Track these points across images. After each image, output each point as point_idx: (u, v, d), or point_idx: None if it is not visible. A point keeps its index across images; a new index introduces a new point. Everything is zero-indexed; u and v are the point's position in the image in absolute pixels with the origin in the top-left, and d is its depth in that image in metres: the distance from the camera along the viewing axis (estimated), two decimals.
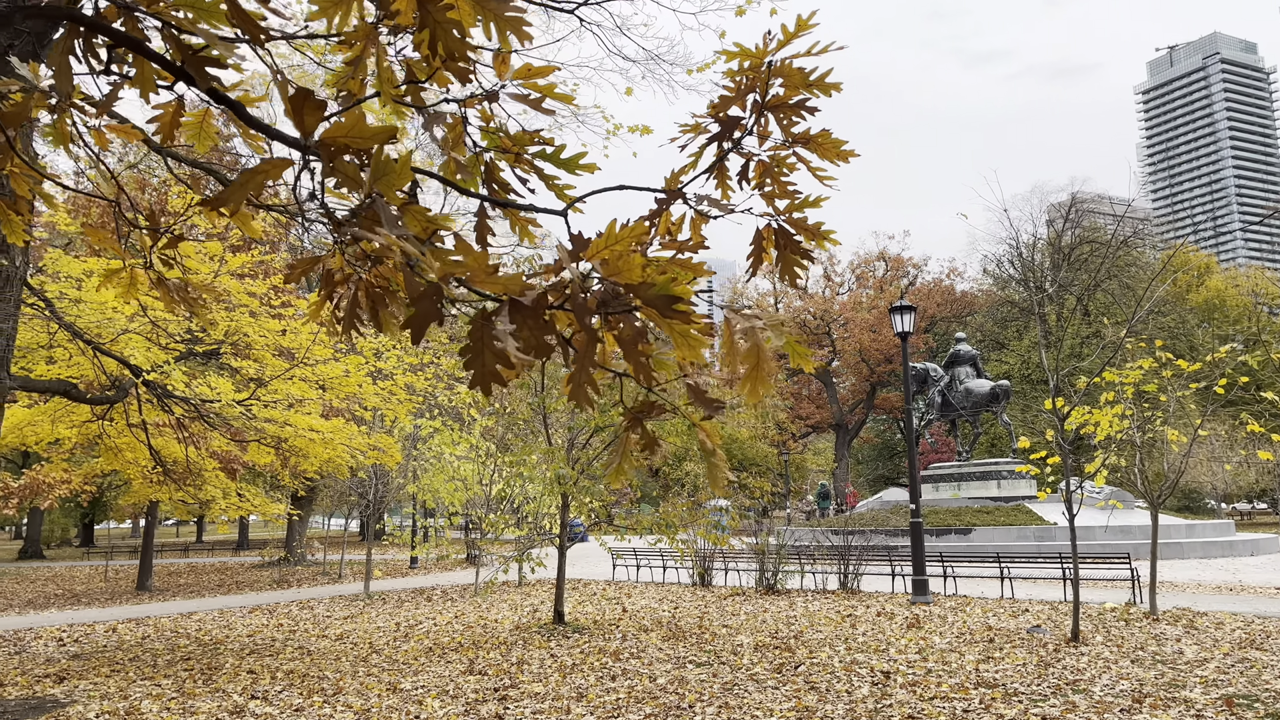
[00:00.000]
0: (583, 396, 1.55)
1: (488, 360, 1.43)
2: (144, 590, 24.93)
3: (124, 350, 11.36)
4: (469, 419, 22.52)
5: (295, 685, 9.98)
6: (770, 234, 2.33)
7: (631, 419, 1.77)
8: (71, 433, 14.78)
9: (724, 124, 2.19)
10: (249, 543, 54.31)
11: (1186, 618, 12.99)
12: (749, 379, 1.64)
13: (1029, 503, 27.52)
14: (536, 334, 1.47)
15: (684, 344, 1.56)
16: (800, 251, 2.31)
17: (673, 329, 1.53)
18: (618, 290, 1.48)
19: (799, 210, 2.29)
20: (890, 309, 17.39)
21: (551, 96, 2.11)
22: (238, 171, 20.47)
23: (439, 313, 1.41)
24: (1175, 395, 13.76)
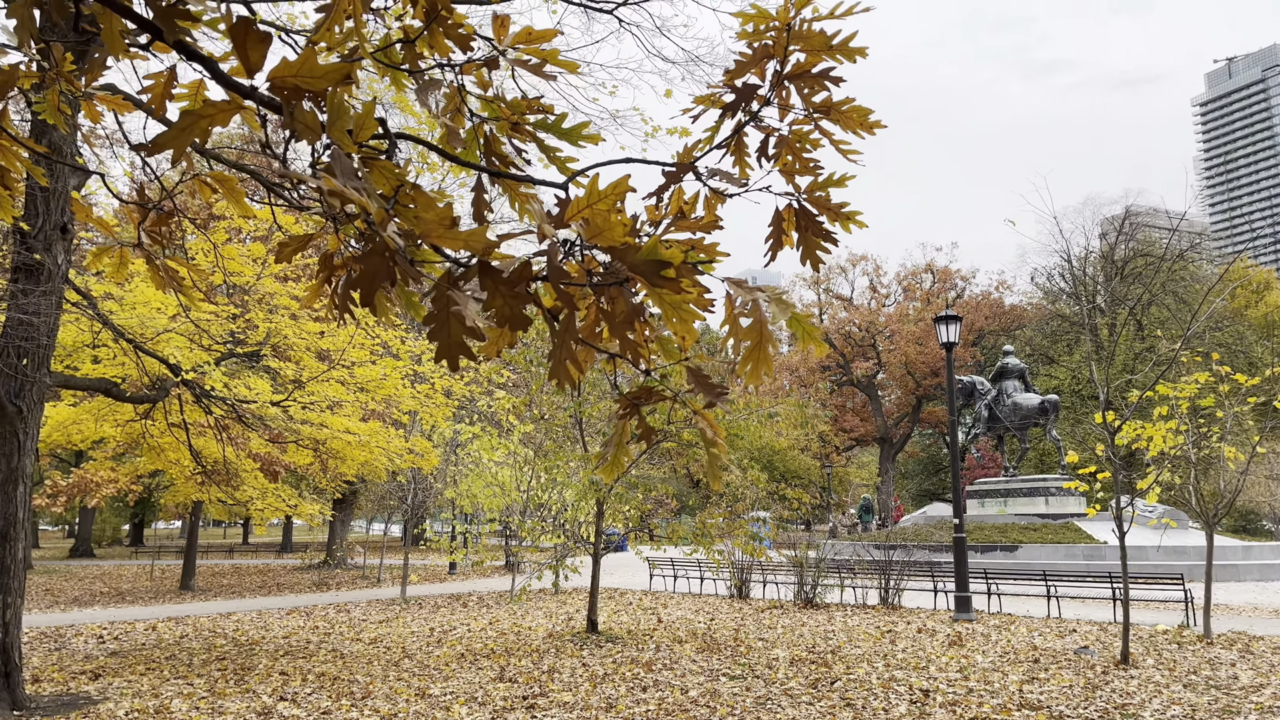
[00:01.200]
0: (563, 374, 1.39)
1: (453, 331, 1.29)
2: (187, 590, 25.21)
3: (164, 350, 11.45)
4: (508, 425, 22.50)
5: (325, 688, 9.93)
6: (790, 215, 2.17)
7: (627, 405, 1.61)
8: (115, 431, 14.96)
9: (740, 93, 2.03)
10: (292, 545, 54.89)
11: (1242, 641, 12.48)
12: (750, 358, 1.48)
13: (1078, 520, 26.84)
14: (512, 304, 1.32)
15: (676, 316, 1.40)
16: (822, 233, 2.14)
17: (662, 299, 1.37)
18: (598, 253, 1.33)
19: (822, 189, 2.12)
20: (935, 319, 17.04)
21: (554, 63, 1.97)
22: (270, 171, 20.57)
23: (389, 272, 1.27)
24: (1232, 411, 13.26)
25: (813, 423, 49.46)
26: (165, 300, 12.53)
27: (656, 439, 14.29)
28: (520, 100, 1.94)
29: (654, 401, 1.63)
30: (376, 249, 1.28)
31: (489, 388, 21.33)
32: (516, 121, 1.94)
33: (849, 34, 1.93)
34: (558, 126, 1.93)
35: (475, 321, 1.22)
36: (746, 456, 14.88)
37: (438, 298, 1.30)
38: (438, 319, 1.29)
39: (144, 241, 2.55)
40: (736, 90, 2.06)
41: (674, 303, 1.38)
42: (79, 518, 53.06)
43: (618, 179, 1.37)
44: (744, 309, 1.45)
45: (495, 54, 1.89)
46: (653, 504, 19.45)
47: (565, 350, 1.39)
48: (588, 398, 14.07)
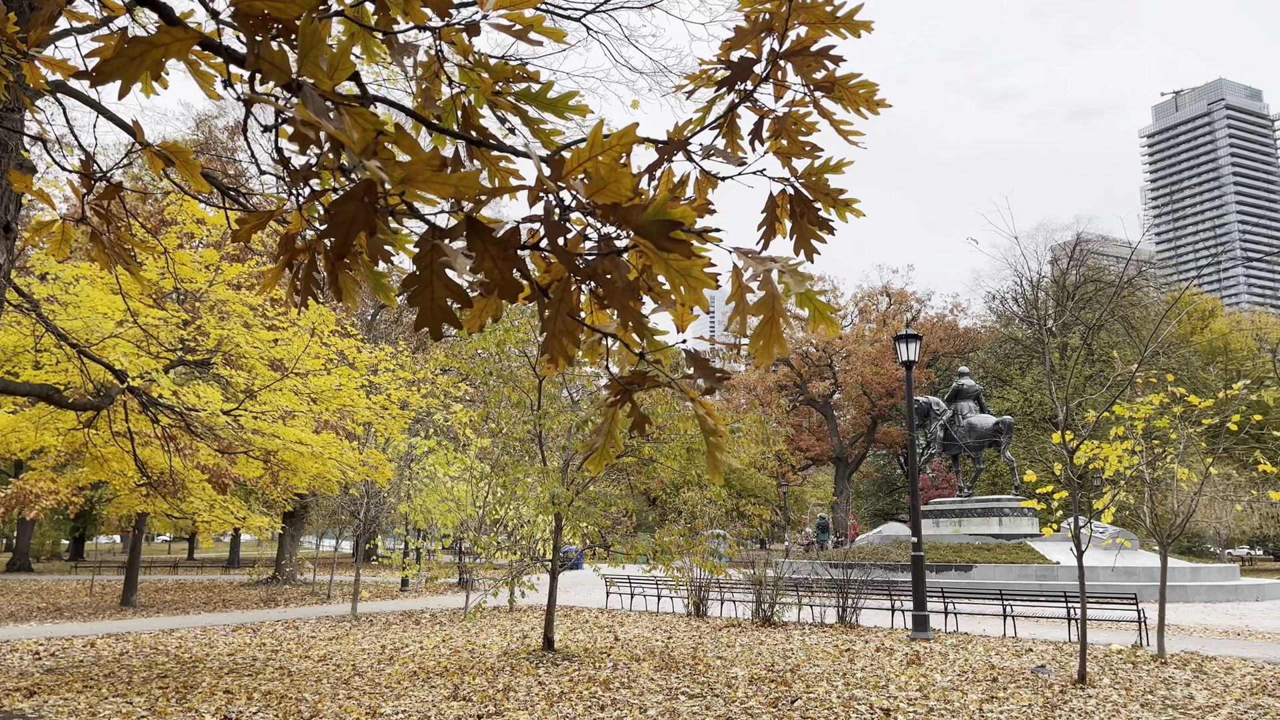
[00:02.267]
0: (558, 349, 1.26)
1: (437, 293, 1.14)
2: (128, 606, 24.47)
3: (110, 356, 11.07)
4: (464, 439, 22.18)
5: (272, 707, 9.60)
6: (785, 201, 2.05)
7: (620, 391, 1.48)
8: (56, 440, 14.46)
9: (735, 69, 1.91)
10: (240, 561, 53.72)
11: (1195, 662, 12.58)
12: (761, 334, 1.35)
13: (1031, 540, 27.10)
14: (502, 266, 1.18)
15: (684, 285, 1.27)
16: (818, 221, 2.02)
17: (669, 266, 1.24)
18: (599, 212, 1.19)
19: (819, 174, 2.00)
20: (895, 338, 17.11)
21: (538, 30, 1.83)
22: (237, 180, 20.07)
23: (368, 218, 1.13)
24: (1185, 432, 13.43)
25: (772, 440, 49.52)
26: (112, 304, 12.16)
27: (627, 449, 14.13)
28: (503, 64, 1.80)
29: (649, 386, 1.50)
30: (354, 193, 1.13)
31: (446, 401, 21.03)
32: (498, 90, 1.80)
33: (854, 5, 1.82)
34: (542, 96, 1.80)
35: (466, 273, 1.08)
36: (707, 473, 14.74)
37: (420, 255, 1.15)
38: (419, 280, 1.15)
39: (89, 216, 2.37)
40: (731, 65, 1.94)
41: (683, 269, 1.25)
42: (16, 531, 51.44)
43: (625, 128, 1.23)
44: (755, 282, 1.33)
45: (476, 18, 1.76)
46: (611, 520, 19.26)
47: (560, 322, 1.26)
48: (547, 411, 13.87)
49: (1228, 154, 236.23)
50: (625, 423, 1.54)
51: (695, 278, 1.27)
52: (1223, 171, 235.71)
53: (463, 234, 1.16)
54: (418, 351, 33.35)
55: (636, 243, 1.24)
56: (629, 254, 1.42)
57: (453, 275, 1.13)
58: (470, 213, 1.16)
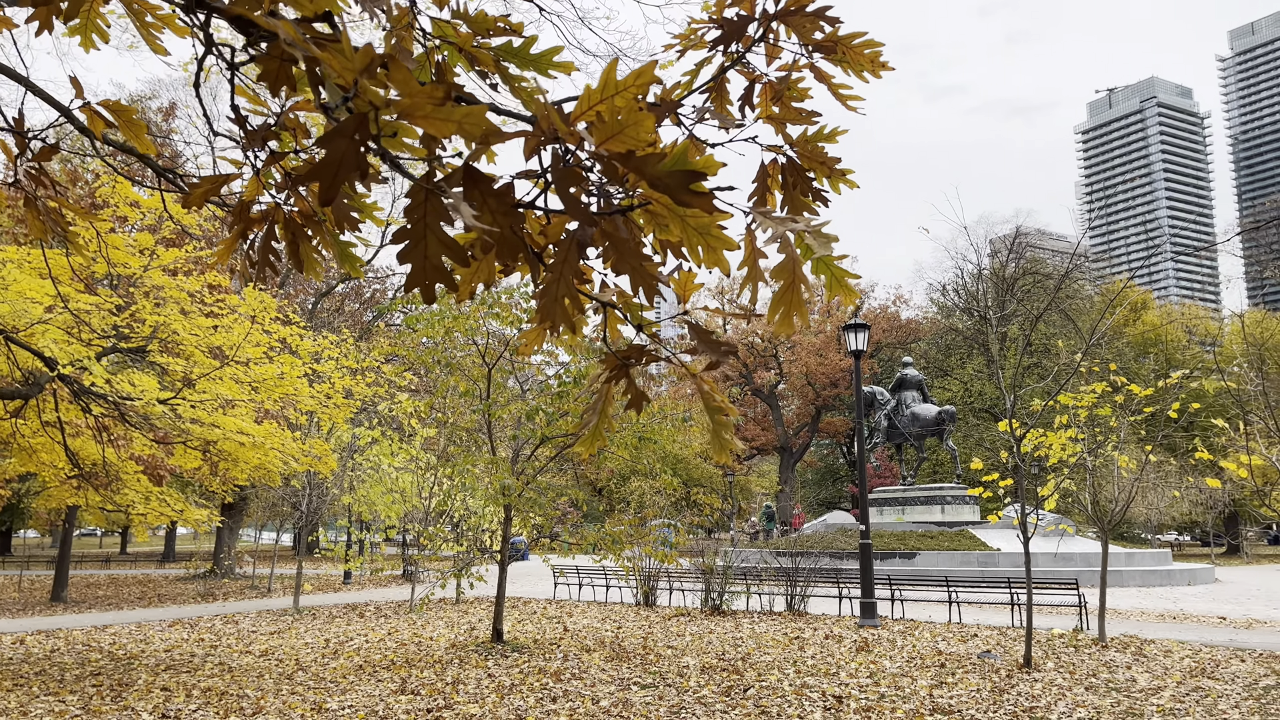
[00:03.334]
0: (560, 315, 1.14)
1: (431, 249, 1.01)
2: (59, 601, 23.69)
3: (38, 342, 10.63)
4: (409, 429, 21.85)
5: (212, 704, 9.31)
6: (776, 170, 1.94)
7: (615, 366, 1.36)
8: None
9: (728, 29, 1.80)
10: (175, 555, 52.46)
11: (1135, 645, 12.86)
12: (782, 301, 1.24)
13: (972, 528, 27.56)
14: (502, 222, 1.05)
15: (703, 245, 1.15)
16: (812, 191, 1.92)
17: (687, 225, 1.12)
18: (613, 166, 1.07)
19: (814, 142, 1.90)
20: (843, 327, 17.20)
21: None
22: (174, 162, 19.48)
23: (360, 159, 0.99)
24: (1126, 420, 13.71)
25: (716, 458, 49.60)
26: (40, 289, 11.67)
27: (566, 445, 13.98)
28: (484, 15, 1.66)
29: (648, 361, 1.38)
30: (344, 128, 0.99)
31: (391, 390, 20.67)
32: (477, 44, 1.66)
33: None
34: (525, 52, 1.66)
35: (470, 222, 0.95)
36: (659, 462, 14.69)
37: (413, 207, 1.02)
38: (412, 234, 1.02)
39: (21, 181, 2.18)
40: (723, 24, 1.83)
41: (702, 227, 1.13)
42: None
43: (642, 66, 1.11)
44: (774, 243, 1.22)
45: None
46: (560, 511, 19.12)
47: (565, 284, 1.13)
48: (496, 400, 13.68)
49: (1159, 150, 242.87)
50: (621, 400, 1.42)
51: (715, 236, 1.16)
52: (1154, 167, 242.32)
53: (459, 184, 1.03)
54: (361, 340, 32.80)
55: (650, 199, 1.12)
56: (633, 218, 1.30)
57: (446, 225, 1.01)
58: (469, 160, 1.04)
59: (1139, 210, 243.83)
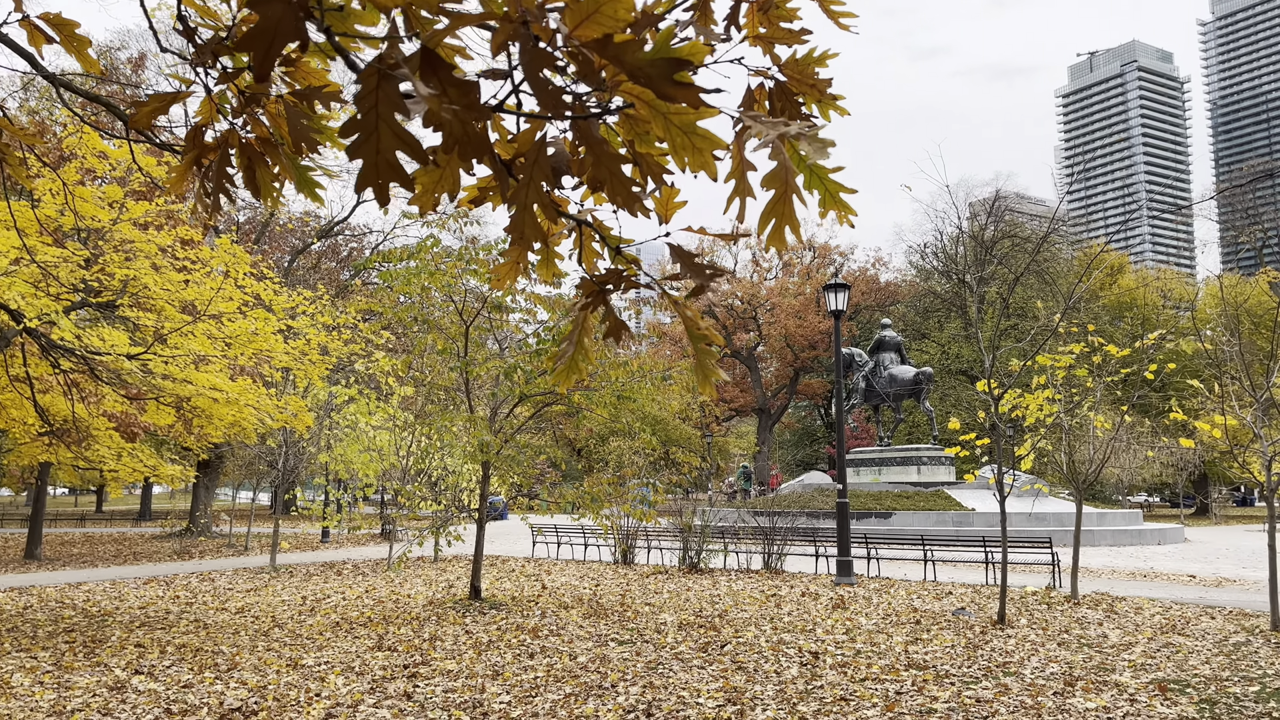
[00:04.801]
0: (529, 226, 1.04)
1: (384, 142, 0.91)
2: (32, 559, 23.51)
3: (4, 296, 10.39)
4: (387, 388, 21.68)
5: (186, 660, 9.25)
6: (763, 96, 1.84)
7: (593, 292, 1.27)
8: None
9: None
10: (151, 513, 52.21)
11: (1106, 602, 13.02)
12: (773, 213, 1.15)
13: (948, 488, 27.81)
14: (464, 116, 0.95)
15: (686, 145, 1.05)
16: (801, 117, 1.82)
17: (670, 123, 1.02)
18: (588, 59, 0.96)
19: (805, 65, 1.80)
20: (824, 287, 17.14)
21: None
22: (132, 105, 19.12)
23: (297, 26, 0.88)
24: (1103, 381, 13.77)
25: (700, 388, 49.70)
26: (5, 241, 11.39)
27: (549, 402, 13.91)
28: None
29: (628, 287, 1.29)
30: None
31: (368, 349, 20.47)
32: None
33: None
34: None
35: (423, 93, 0.84)
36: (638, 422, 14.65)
37: (364, 94, 0.92)
38: (363, 125, 0.92)
39: None
40: None
41: (686, 125, 1.03)
42: None
43: None
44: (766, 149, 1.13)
45: None
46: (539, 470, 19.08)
47: (534, 190, 1.03)
48: (474, 358, 13.55)
49: (1138, 115, 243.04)
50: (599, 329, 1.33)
51: (701, 135, 1.06)
52: (1133, 132, 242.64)
53: (416, 69, 0.92)
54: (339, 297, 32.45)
55: (630, 99, 1.02)
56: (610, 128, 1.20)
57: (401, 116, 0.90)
58: (427, 41, 0.93)
59: (1118, 174, 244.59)
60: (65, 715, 6.94)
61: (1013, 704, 7.19)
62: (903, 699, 7.37)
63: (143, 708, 7.20)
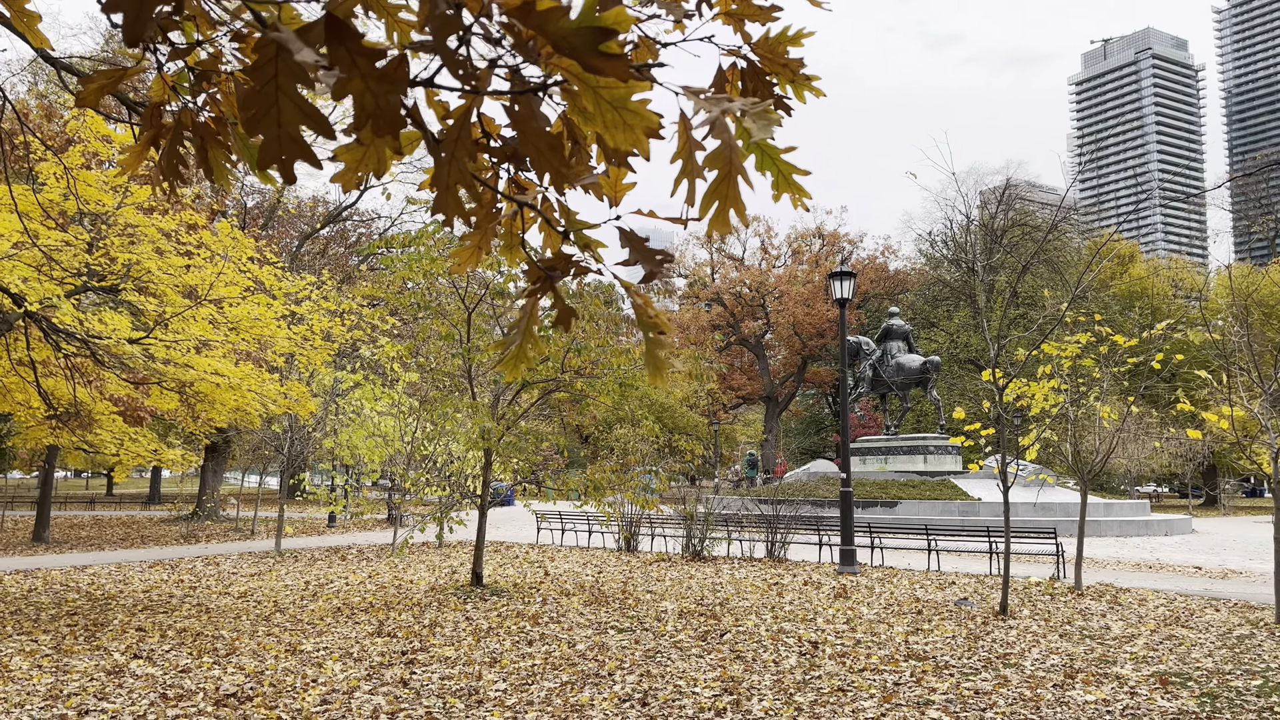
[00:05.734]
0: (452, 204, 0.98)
1: (285, 115, 0.85)
2: (40, 542, 23.63)
3: (4, 279, 10.37)
4: (392, 374, 21.67)
5: (186, 644, 9.26)
6: (736, 75, 1.78)
7: (539, 278, 1.21)
8: None
9: None
10: (160, 497, 52.47)
11: (1110, 594, 12.96)
12: (716, 194, 1.09)
13: (954, 478, 27.71)
14: (376, 89, 0.89)
15: (617, 122, 0.99)
16: (774, 98, 1.76)
17: (599, 98, 0.96)
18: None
19: (777, 43, 1.73)
20: (830, 275, 17.04)
21: None
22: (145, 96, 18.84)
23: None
24: (1109, 372, 13.66)
25: (705, 376, 49.69)
26: (8, 224, 11.38)
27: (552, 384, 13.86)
28: None
29: (578, 273, 1.24)
30: None
31: (373, 335, 20.46)
32: None
33: None
34: None
35: (310, 59, 0.77)
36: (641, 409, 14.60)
37: (260, 65, 0.85)
38: (259, 99, 0.85)
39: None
40: None
41: (617, 100, 0.97)
42: None
43: None
44: (709, 128, 1.07)
45: None
46: (542, 456, 19.06)
47: (457, 168, 0.97)
48: (476, 344, 13.51)
49: (1152, 103, 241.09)
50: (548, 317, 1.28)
51: (633, 111, 0.99)
52: (1146, 120, 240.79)
53: (320, 40, 0.86)
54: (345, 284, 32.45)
55: (564, 75, 0.96)
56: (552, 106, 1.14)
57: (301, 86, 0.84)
58: (332, 7, 0.86)
59: (1130, 163, 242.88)
60: (61, 699, 6.95)
61: (1011, 696, 7.14)
62: (900, 690, 7.32)
63: (139, 692, 7.21)
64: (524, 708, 6.77)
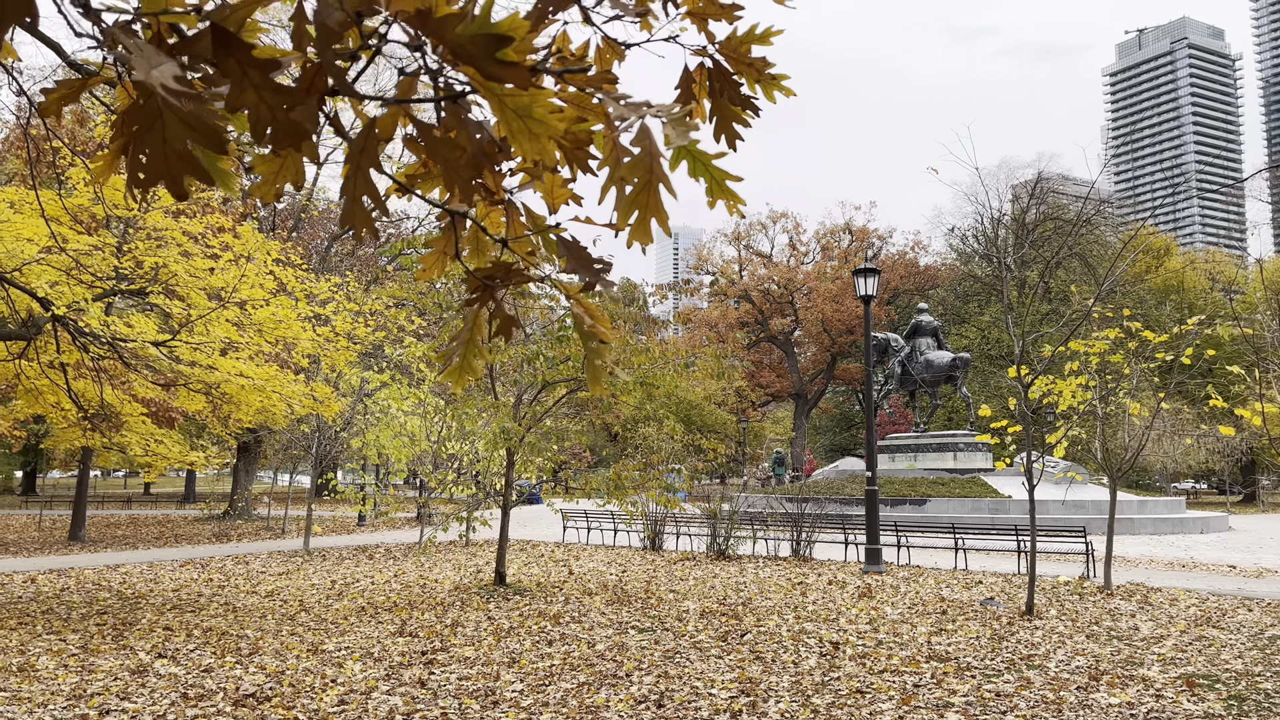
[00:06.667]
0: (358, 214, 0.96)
1: (171, 131, 0.83)
2: (76, 541, 24.02)
3: (33, 284, 10.53)
4: (418, 374, 21.79)
5: (211, 644, 9.36)
6: (703, 75, 1.74)
7: (478, 287, 1.19)
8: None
9: None
10: (195, 496, 53.20)
11: (1141, 593, 12.75)
12: (635, 203, 1.06)
13: (984, 475, 27.41)
14: (272, 101, 0.87)
15: (522, 131, 0.96)
16: (740, 99, 1.73)
17: (504, 106, 0.94)
18: None
19: (743, 43, 1.70)
20: (854, 272, 16.90)
21: None
22: None
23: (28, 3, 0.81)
24: (1139, 368, 13.44)
25: (729, 374, 49.49)
26: (37, 230, 11.56)
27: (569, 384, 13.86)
28: None
29: (517, 282, 1.21)
30: None
31: (399, 335, 20.57)
32: None
33: None
34: None
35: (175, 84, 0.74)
36: (663, 408, 14.56)
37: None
38: (140, 114, 0.83)
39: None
40: None
41: (521, 108, 0.94)
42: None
43: None
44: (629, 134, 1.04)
45: None
46: (567, 455, 19.08)
47: (361, 180, 0.95)
48: (496, 344, 13.53)
49: (1188, 93, 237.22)
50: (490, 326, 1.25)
51: (538, 120, 0.96)
52: (1182, 111, 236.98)
53: (209, 52, 0.84)
54: (374, 284, 32.67)
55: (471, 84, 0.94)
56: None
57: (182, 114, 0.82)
58: (213, 16, 0.83)
59: (1166, 155, 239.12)
60: (84, 699, 7.05)
61: (1033, 698, 7.04)
62: (920, 692, 7.24)
63: (160, 692, 7.29)
64: (539, 709, 6.77)
